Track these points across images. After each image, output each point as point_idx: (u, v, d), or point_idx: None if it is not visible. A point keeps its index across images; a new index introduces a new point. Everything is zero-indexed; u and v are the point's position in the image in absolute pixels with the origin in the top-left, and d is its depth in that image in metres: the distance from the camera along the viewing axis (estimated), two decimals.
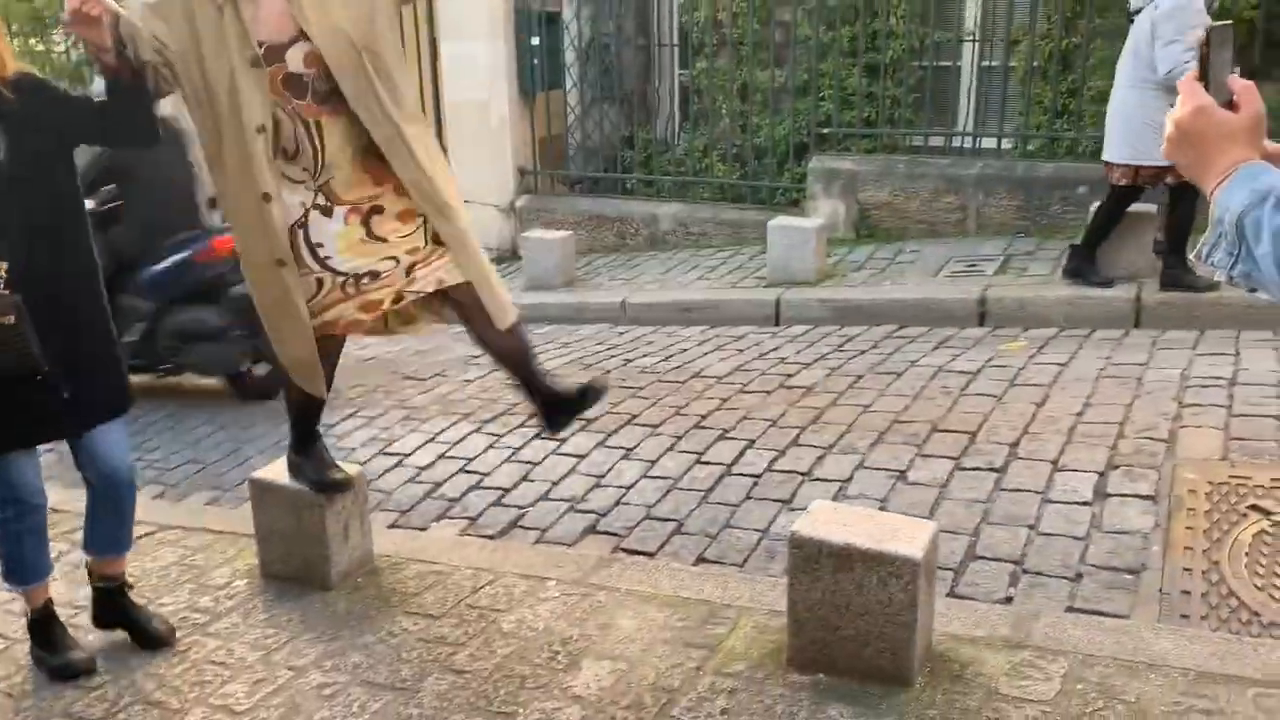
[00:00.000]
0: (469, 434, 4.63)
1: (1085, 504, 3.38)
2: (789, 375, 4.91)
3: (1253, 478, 3.40)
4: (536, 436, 4.47)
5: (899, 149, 7.51)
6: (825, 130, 7.58)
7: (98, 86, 2.72)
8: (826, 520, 2.54)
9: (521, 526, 3.73)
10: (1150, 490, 3.41)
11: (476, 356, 5.97)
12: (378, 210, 2.69)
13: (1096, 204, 5.66)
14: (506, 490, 4.01)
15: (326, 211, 2.66)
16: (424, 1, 8.43)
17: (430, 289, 2.74)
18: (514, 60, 8.23)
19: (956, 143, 7.38)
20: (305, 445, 3.12)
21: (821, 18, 7.47)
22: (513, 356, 2.98)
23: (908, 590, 2.39)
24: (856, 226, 7.21)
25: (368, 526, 3.29)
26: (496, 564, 3.27)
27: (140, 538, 3.62)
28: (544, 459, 4.24)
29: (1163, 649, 2.53)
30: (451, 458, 4.39)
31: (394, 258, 2.71)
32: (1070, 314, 5.34)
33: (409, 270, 2.73)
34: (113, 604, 2.93)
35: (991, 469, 3.67)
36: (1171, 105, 1.25)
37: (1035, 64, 7.02)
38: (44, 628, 2.85)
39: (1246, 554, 3.01)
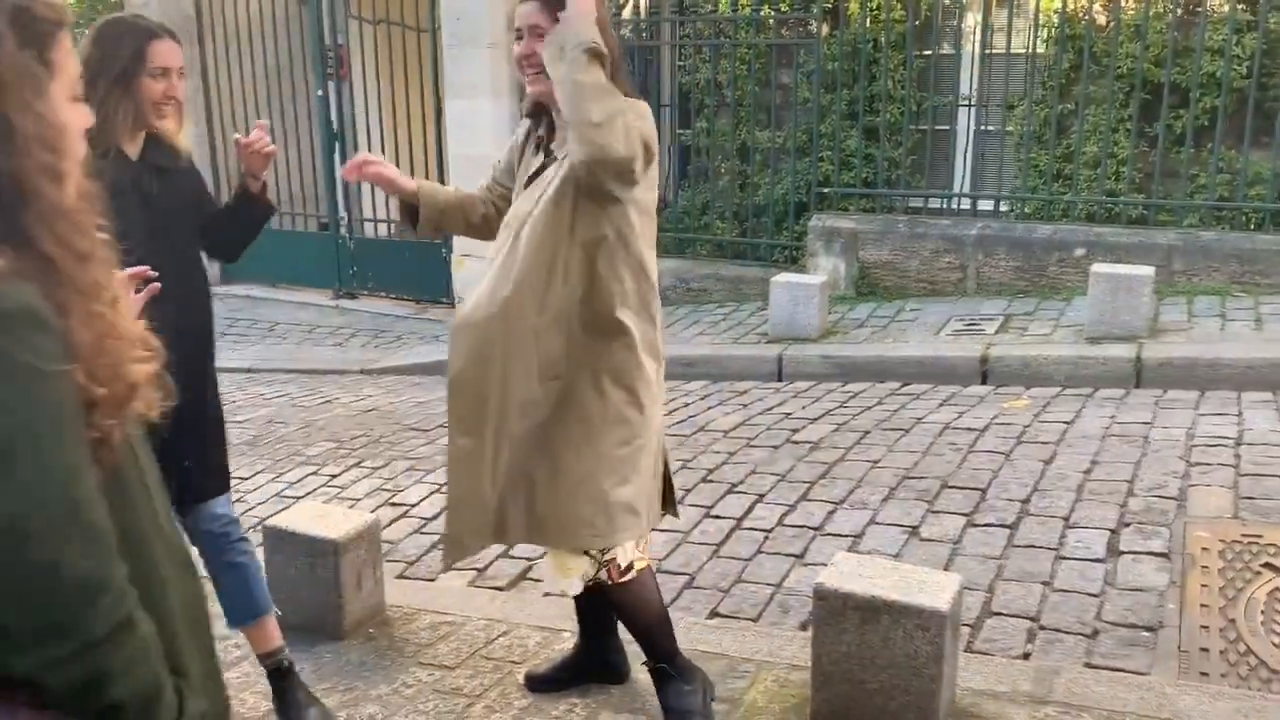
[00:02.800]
0: None
1: (1099, 561, 3.38)
2: (795, 430, 4.92)
3: (1264, 536, 3.41)
4: None
5: (896, 209, 7.62)
6: (824, 190, 7.69)
7: None
8: (850, 572, 2.54)
9: (530, 579, 3.70)
10: (1163, 548, 3.41)
11: None
12: None
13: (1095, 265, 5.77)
14: None
15: None
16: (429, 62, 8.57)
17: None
18: (517, 117, 8.30)
19: (954, 204, 7.49)
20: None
21: (820, 81, 7.61)
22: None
23: (934, 643, 2.38)
24: (857, 284, 7.28)
25: (380, 576, 3.26)
26: (509, 615, 3.25)
27: None
28: None
29: (1186, 706, 2.53)
30: None
31: None
32: (1072, 374, 5.38)
33: None
34: (276, 690, 2.70)
35: (1004, 525, 3.68)
36: None
37: (1031, 128, 7.15)
38: None
39: (1262, 612, 3.01)
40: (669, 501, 2.60)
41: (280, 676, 2.69)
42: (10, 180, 1.05)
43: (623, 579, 2.43)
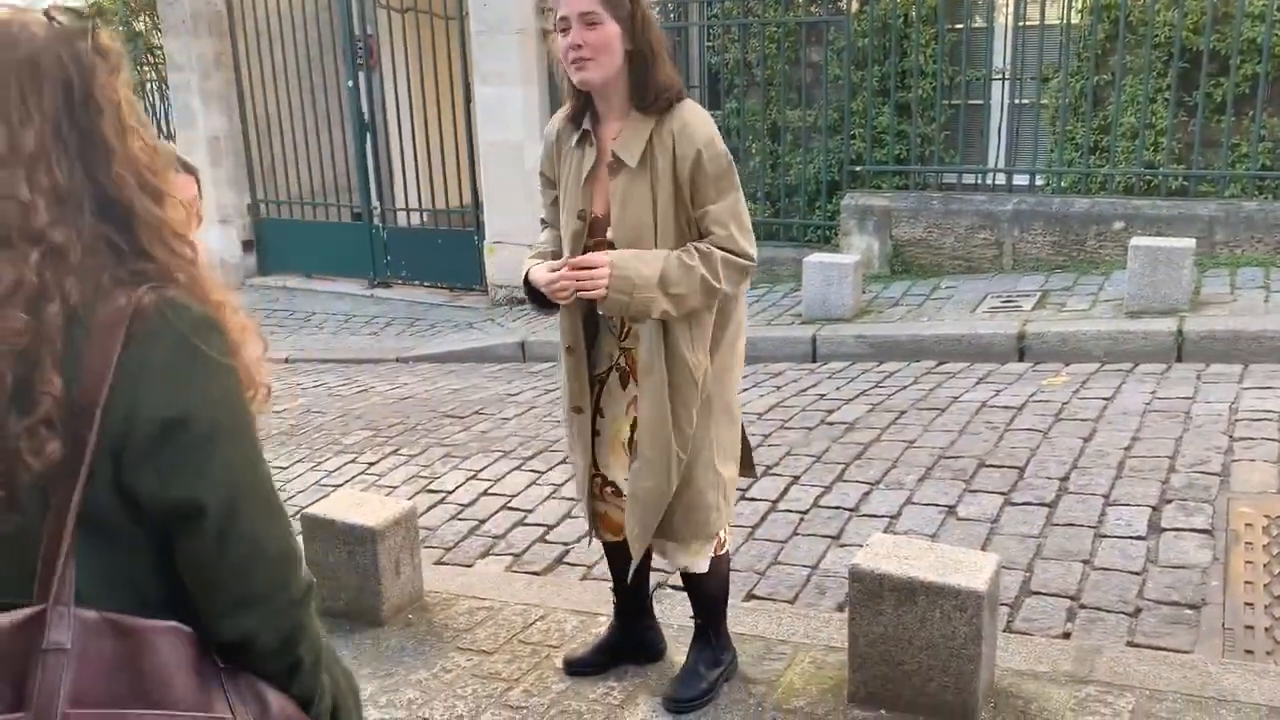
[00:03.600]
0: (510, 471, 4.63)
1: (1140, 538, 3.34)
2: (830, 411, 4.90)
3: None
4: None
5: (930, 186, 7.53)
6: (857, 168, 7.62)
7: None
8: (886, 553, 2.53)
9: (567, 563, 3.72)
10: (1206, 524, 3.37)
11: (514, 394, 6.00)
12: None
13: (1134, 239, 5.68)
14: (550, 526, 4.01)
15: (623, 380, 2.50)
16: (458, 48, 8.58)
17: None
18: (548, 103, 8.33)
19: (988, 180, 7.39)
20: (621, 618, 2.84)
21: (851, 58, 7.53)
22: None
23: (972, 624, 2.36)
24: (891, 263, 7.22)
25: (418, 562, 3.29)
26: (546, 600, 3.26)
27: None
28: None
29: (1231, 684, 2.49)
30: (494, 494, 4.39)
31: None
32: (1111, 349, 5.31)
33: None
34: None
35: (1042, 504, 3.64)
36: None
37: (1066, 101, 7.04)
38: None
39: None
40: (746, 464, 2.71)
41: None
42: (118, 202, 1.12)
43: (720, 552, 2.61)
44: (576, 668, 2.80)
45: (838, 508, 3.82)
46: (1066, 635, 2.90)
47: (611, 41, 2.25)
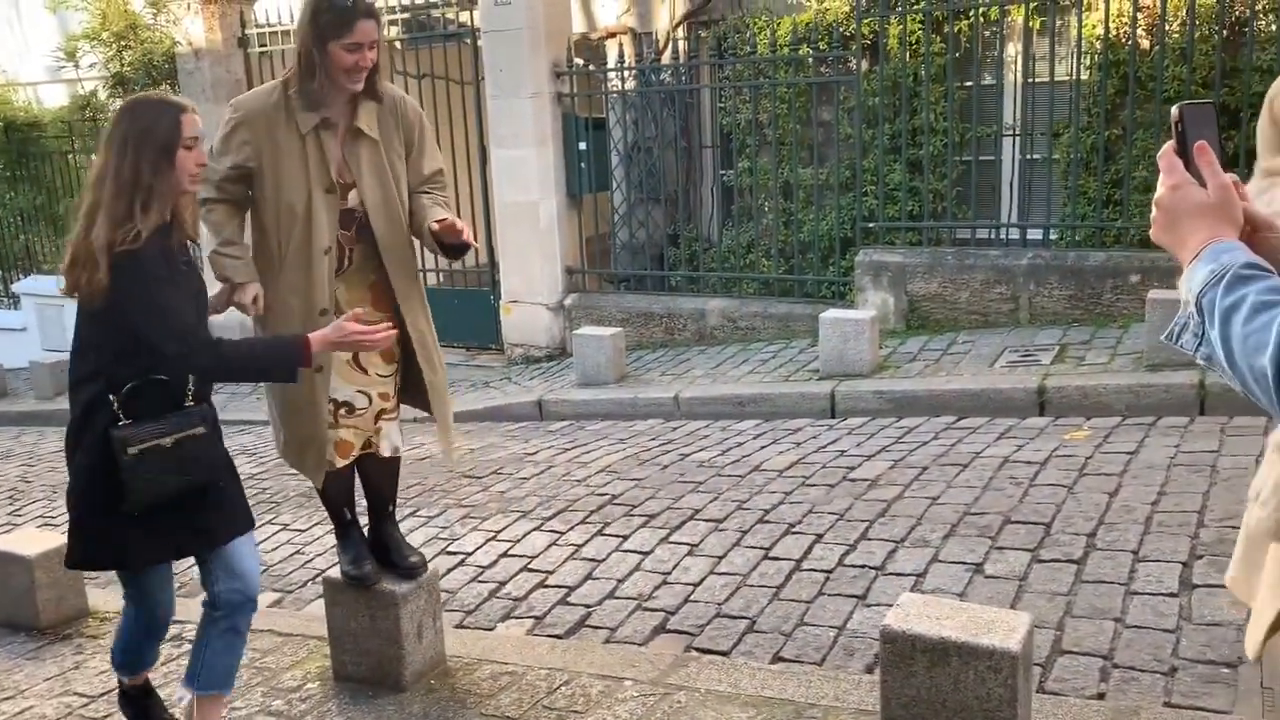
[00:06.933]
0: (529, 531, 4.60)
1: (1172, 595, 3.29)
2: (851, 468, 4.87)
3: None
4: (598, 534, 4.45)
5: (943, 242, 7.56)
6: (870, 224, 7.66)
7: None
8: (917, 614, 2.49)
9: (590, 625, 3.68)
10: None
11: (531, 454, 5.99)
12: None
13: (1151, 292, 5.67)
14: (572, 588, 3.97)
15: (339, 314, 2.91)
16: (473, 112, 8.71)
17: (386, 454, 3.10)
18: (562, 164, 8.43)
19: (1002, 234, 7.41)
20: (341, 537, 3.25)
21: (862, 116, 7.61)
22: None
23: (1007, 685, 2.32)
24: (906, 318, 7.22)
25: (440, 626, 3.26)
26: (570, 664, 3.22)
27: None
28: (608, 556, 4.20)
29: None
30: (514, 556, 4.36)
31: (367, 394, 2.99)
32: (1133, 402, 5.27)
33: (376, 418, 3.04)
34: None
35: (1070, 560, 3.59)
36: None
37: (1078, 155, 7.08)
38: (141, 700, 2.93)
39: None
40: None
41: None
42: None
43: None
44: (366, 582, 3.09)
45: (863, 566, 3.78)
46: (1101, 695, 2.84)
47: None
